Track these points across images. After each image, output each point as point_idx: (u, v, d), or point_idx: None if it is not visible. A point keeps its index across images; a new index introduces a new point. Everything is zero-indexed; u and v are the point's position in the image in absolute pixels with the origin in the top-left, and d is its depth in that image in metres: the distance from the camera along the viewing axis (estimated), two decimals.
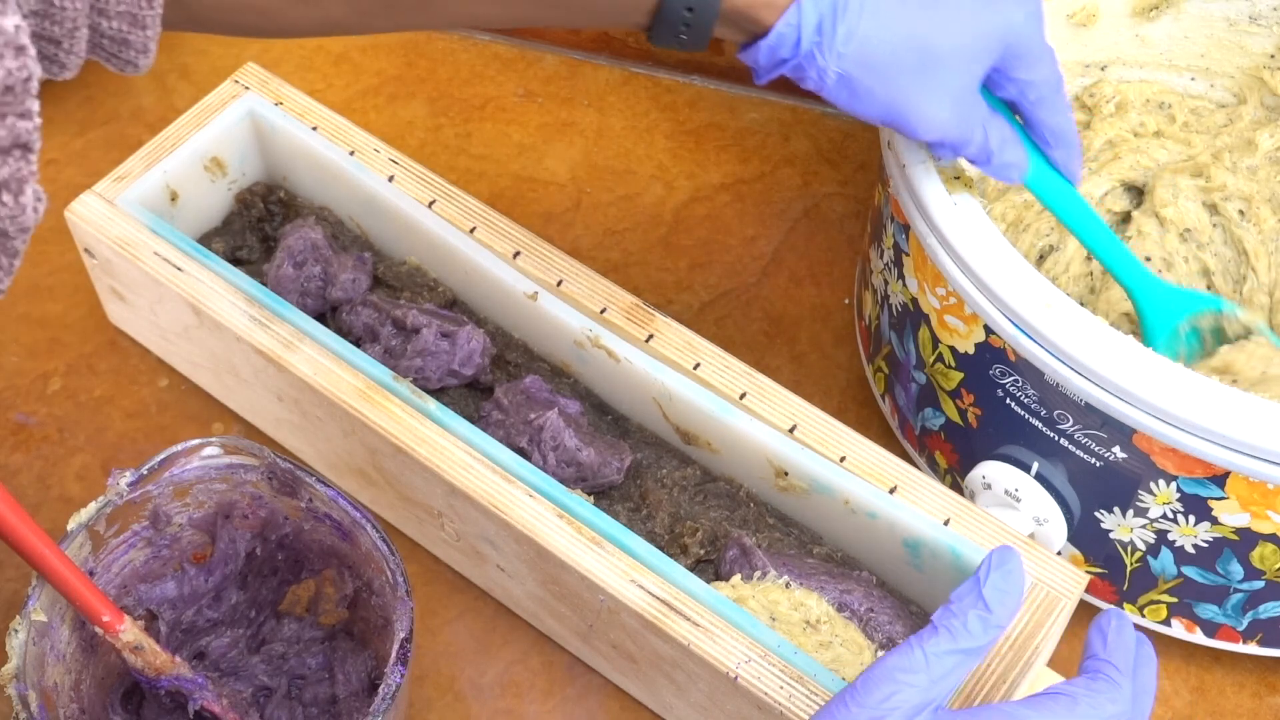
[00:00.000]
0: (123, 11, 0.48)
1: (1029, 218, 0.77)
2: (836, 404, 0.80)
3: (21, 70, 0.38)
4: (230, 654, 0.67)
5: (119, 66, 0.51)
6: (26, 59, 0.38)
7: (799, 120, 0.92)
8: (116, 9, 0.48)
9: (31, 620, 0.58)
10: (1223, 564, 0.64)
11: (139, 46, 0.50)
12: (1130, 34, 0.80)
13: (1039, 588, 0.63)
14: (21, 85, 0.38)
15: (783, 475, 0.68)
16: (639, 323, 0.70)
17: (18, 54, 0.38)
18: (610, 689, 0.70)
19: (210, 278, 0.71)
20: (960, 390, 0.68)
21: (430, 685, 0.70)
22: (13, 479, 0.75)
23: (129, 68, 0.51)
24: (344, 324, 0.75)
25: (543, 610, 0.69)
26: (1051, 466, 0.65)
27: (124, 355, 0.80)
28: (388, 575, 0.61)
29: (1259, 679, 0.72)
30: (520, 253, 0.73)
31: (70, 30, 0.47)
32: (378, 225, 0.77)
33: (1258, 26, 0.79)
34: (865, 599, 0.65)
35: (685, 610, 0.62)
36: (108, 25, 0.48)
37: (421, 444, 0.66)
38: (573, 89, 0.93)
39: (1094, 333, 0.60)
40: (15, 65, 0.38)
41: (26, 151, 0.39)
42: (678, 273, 0.85)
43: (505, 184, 0.88)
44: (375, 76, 0.93)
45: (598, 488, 0.70)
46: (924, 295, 0.67)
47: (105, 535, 0.62)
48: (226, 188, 0.79)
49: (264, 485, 0.64)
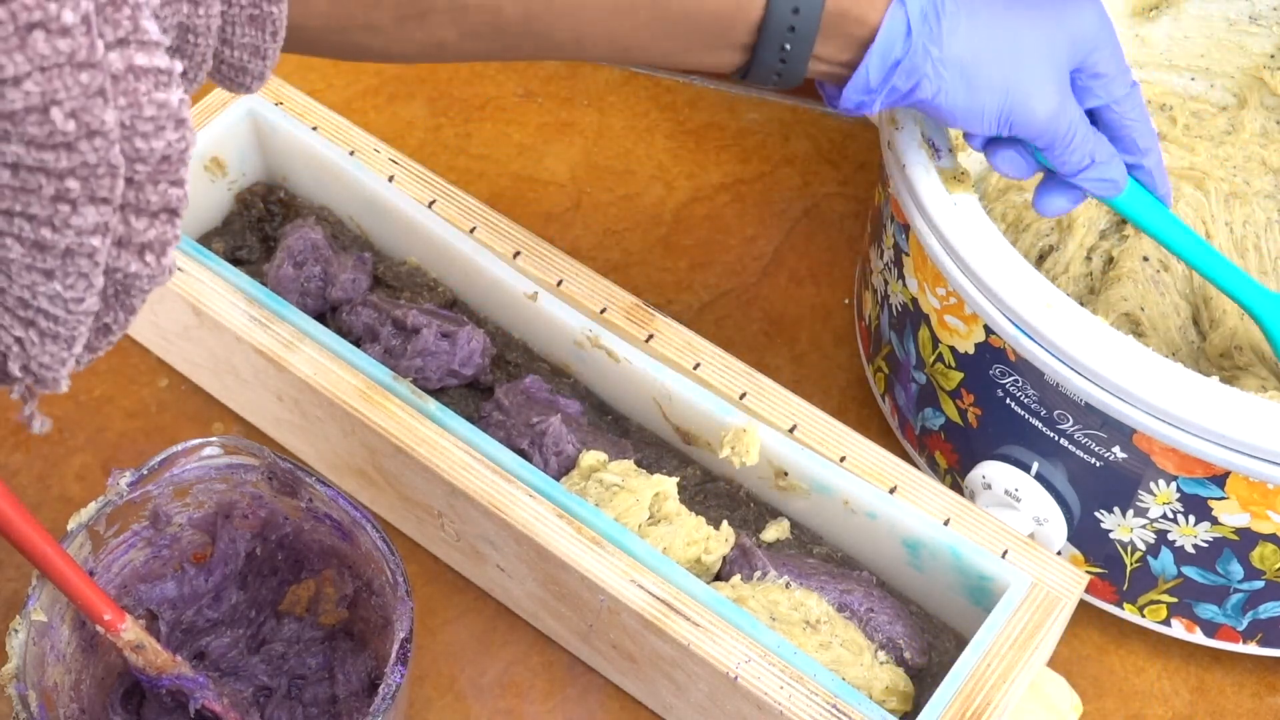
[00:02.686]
0: (246, 43, 0.50)
1: (1029, 218, 0.77)
2: (836, 404, 0.80)
3: (180, 142, 0.40)
4: (230, 654, 0.67)
5: (231, 88, 0.52)
6: (185, 130, 0.40)
7: (799, 120, 0.92)
8: (241, 40, 0.50)
9: (31, 620, 0.58)
10: (1223, 564, 0.64)
11: (255, 73, 0.52)
12: (1130, 34, 0.80)
13: (1039, 588, 0.63)
14: (179, 156, 0.40)
15: (783, 475, 0.68)
16: (639, 323, 0.70)
17: (178, 126, 0.40)
18: (610, 689, 0.70)
19: (210, 278, 0.71)
20: (960, 390, 0.68)
21: (430, 685, 0.70)
22: (13, 479, 0.75)
23: (241, 89, 0.53)
24: (344, 324, 0.75)
25: (543, 610, 0.69)
26: (1051, 466, 0.65)
27: (124, 355, 0.80)
28: (388, 575, 0.61)
29: (1259, 679, 0.72)
30: (520, 253, 0.73)
31: (199, 64, 0.49)
32: (378, 225, 0.77)
33: (1258, 26, 0.79)
34: (865, 599, 0.65)
35: (685, 610, 0.62)
36: (230, 54, 0.50)
37: (421, 444, 0.66)
38: (573, 89, 0.93)
39: (1094, 333, 0.60)
40: (175, 137, 0.40)
41: (173, 216, 0.41)
42: (678, 273, 0.85)
43: (505, 184, 0.88)
44: (375, 76, 0.93)
45: None
46: (924, 295, 0.67)
47: (105, 535, 0.62)
48: (226, 188, 0.79)
49: (264, 485, 0.64)
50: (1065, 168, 0.62)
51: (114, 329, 0.43)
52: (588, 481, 0.67)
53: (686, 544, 0.66)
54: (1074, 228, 0.76)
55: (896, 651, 0.65)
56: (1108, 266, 0.76)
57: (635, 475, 0.67)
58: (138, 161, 0.39)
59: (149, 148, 0.40)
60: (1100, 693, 0.71)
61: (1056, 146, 0.61)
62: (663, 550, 0.65)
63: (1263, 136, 0.79)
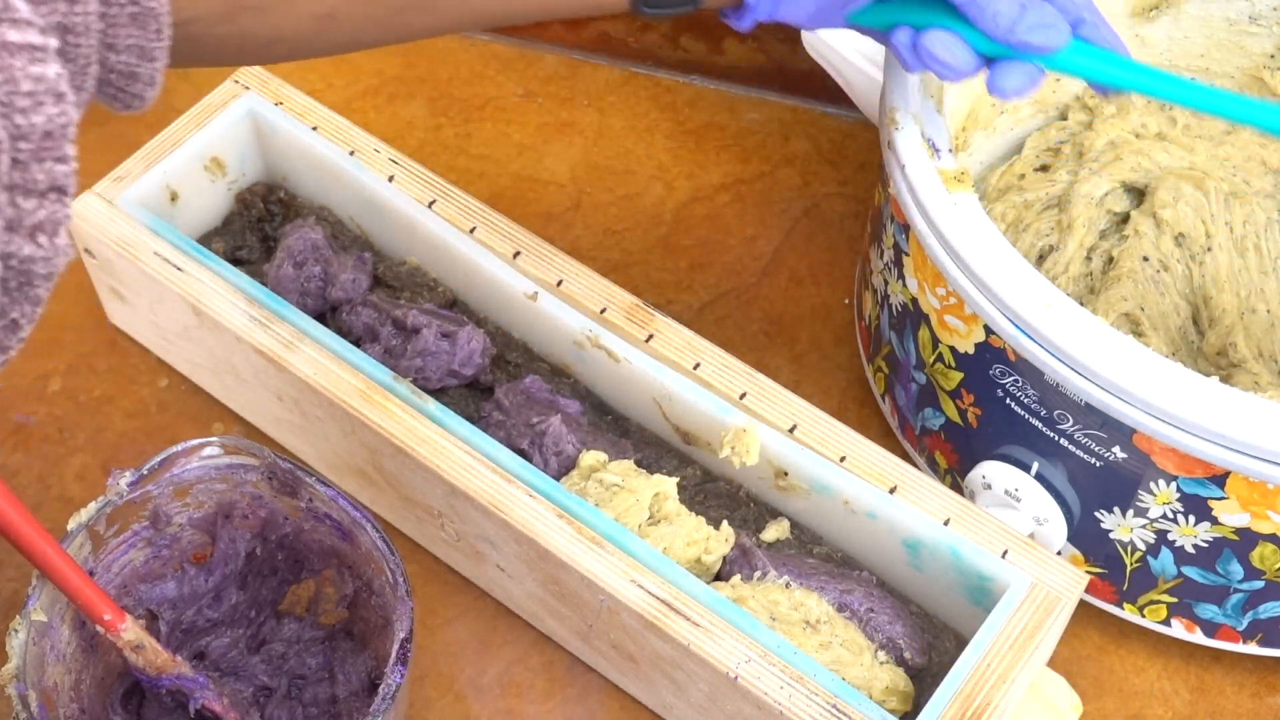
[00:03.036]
0: (131, 45, 0.49)
1: (1029, 218, 0.77)
2: (836, 404, 0.80)
3: (61, 116, 0.40)
4: (230, 654, 0.67)
5: (125, 103, 0.51)
6: (66, 105, 0.40)
7: (799, 120, 0.92)
8: (125, 42, 0.49)
9: (31, 620, 0.58)
10: (1223, 564, 0.64)
11: (146, 79, 0.50)
12: (1130, 34, 0.80)
13: (1039, 588, 0.63)
14: (60, 131, 0.40)
15: (783, 475, 0.68)
16: (639, 323, 0.70)
17: (58, 100, 0.39)
18: (610, 689, 0.70)
19: (210, 278, 0.71)
20: (960, 390, 0.68)
21: (430, 685, 0.70)
22: (13, 479, 0.75)
23: (136, 102, 0.51)
24: (344, 324, 0.75)
25: (543, 610, 0.69)
26: (1051, 466, 0.65)
27: (124, 355, 0.80)
28: (388, 575, 0.61)
29: (1259, 679, 0.72)
30: (520, 253, 0.73)
31: (83, 67, 0.48)
32: (378, 225, 0.77)
33: (1258, 27, 0.79)
34: (865, 599, 0.65)
35: (685, 610, 0.62)
36: (116, 59, 0.49)
37: (421, 444, 0.66)
38: (573, 89, 0.93)
39: (1094, 333, 0.60)
40: (56, 111, 0.39)
41: (62, 195, 0.40)
42: (678, 273, 0.85)
43: (505, 184, 0.88)
44: (375, 77, 0.93)
45: None
46: (924, 295, 0.67)
47: (105, 535, 0.62)
48: (226, 188, 0.79)
49: (264, 485, 0.64)
50: (999, 22, 0.57)
51: (22, 324, 0.42)
52: (588, 481, 0.67)
53: (686, 544, 0.66)
54: (1074, 228, 0.76)
55: (896, 651, 0.65)
56: (1108, 266, 0.76)
57: (635, 475, 0.67)
58: (19, 139, 0.39)
59: (29, 123, 0.39)
60: (1100, 693, 0.71)
61: None
62: (663, 550, 0.65)
63: (1263, 136, 0.79)
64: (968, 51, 0.59)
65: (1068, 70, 0.60)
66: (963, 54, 0.59)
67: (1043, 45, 0.58)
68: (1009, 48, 0.58)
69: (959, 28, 0.59)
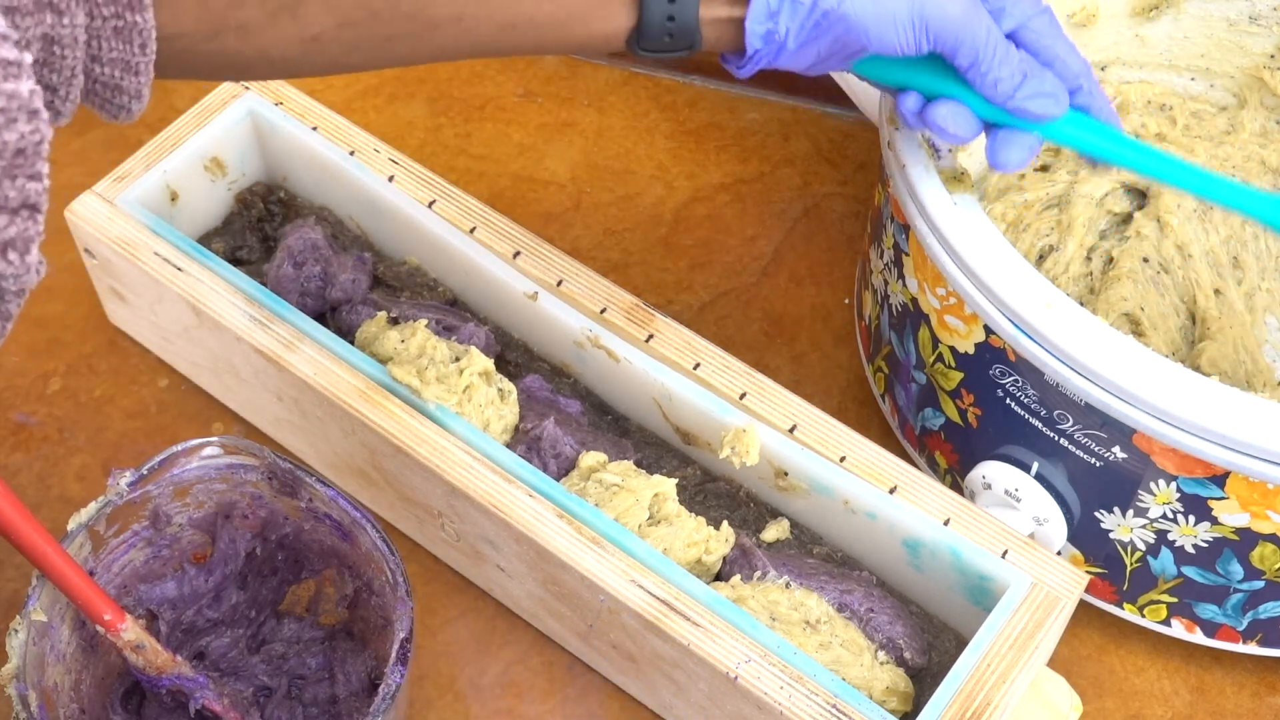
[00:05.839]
0: (116, 58, 0.49)
1: (1029, 218, 0.77)
2: (836, 404, 0.80)
3: (34, 134, 0.39)
4: (230, 654, 0.67)
5: (112, 113, 0.51)
6: (39, 123, 0.39)
7: (799, 120, 0.92)
8: (110, 55, 0.49)
9: (31, 620, 0.58)
10: (1223, 564, 0.64)
11: (132, 92, 0.50)
12: (1130, 34, 0.80)
13: (1039, 588, 0.63)
14: (33, 148, 0.40)
15: (783, 475, 0.68)
16: (639, 323, 0.70)
17: (31, 118, 0.39)
18: (610, 689, 0.70)
19: (210, 278, 0.71)
20: (960, 390, 0.68)
21: (430, 685, 0.70)
22: (13, 479, 0.75)
23: (123, 114, 0.51)
24: (344, 324, 0.75)
25: (543, 610, 0.69)
26: (1051, 466, 0.65)
27: (124, 355, 0.80)
28: (388, 575, 0.61)
29: (1259, 679, 0.72)
30: (520, 253, 0.73)
31: (68, 78, 0.48)
32: (378, 225, 0.77)
33: (1258, 26, 0.79)
34: (865, 599, 0.65)
35: (685, 610, 0.62)
36: (101, 71, 0.49)
37: (421, 444, 0.66)
38: (573, 89, 0.93)
39: (1094, 333, 0.60)
40: (28, 129, 0.39)
41: (34, 212, 0.40)
42: (678, 273, 0.85)
43: (505, 184, 0.88)
44: (375, 76, 0.93)
45: None
46: (924, 295, 0.67)
47: (105, 535, 0.62)
48: (226, 188, 0.79)
49: (264, 485, 0.64)
50: (1000, 88, 0.58)
51: None
52: (587, 482, 0.67)
53: (686, 544, 0.66)
54: (1074, 228, 0.76)
55: (896, 651, 0.65)
56: (1108, 266, 0.76)
57: (635, 475, 0.67)
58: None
59: (1, 141, 0.39)
60: (1100, 693, 0.71)
61: (982, 60, 0.57)
62: (663, 550, 0.65)
63: (1262, 136, 0.79)
64: (972, 121, 0.60)
65: (1064, 142, 0.61)
66: (966, 124, 0.60)
67: (1041, 114, 0.59)
68: (1008, 114, 0.59)
69: (959, 92, 0.59)
